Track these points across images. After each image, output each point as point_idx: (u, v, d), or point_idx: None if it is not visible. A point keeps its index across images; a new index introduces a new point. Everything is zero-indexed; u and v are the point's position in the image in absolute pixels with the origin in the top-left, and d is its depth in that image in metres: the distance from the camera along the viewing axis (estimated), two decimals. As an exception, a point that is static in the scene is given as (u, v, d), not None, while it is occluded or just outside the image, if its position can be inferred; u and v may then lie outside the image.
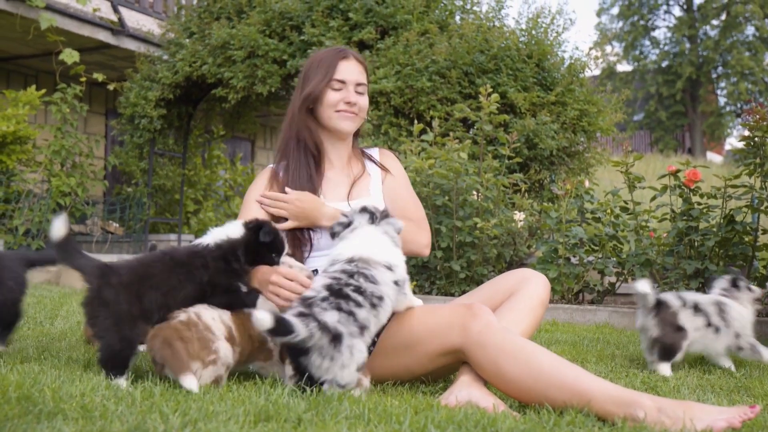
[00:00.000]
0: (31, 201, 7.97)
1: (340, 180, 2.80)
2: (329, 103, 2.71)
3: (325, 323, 2.07)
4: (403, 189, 2.87)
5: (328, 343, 2.06)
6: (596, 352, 3.50)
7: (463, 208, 5.73)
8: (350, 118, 2.75)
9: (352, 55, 2.76)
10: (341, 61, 2.72)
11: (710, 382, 2.79)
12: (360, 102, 2.75)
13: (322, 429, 1.73)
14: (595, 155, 8.09)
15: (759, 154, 4.78)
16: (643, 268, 5.33)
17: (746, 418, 1.93)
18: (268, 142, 14.14)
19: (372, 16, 7.68)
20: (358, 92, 2.75)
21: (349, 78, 2.72)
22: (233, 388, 2.16)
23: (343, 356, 2.07)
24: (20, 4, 8.38)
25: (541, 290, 2.56)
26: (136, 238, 9.35)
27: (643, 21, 36.10)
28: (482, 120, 5.96)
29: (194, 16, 8.81)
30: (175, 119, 9.29)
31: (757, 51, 33.38)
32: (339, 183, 2.79)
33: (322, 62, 2.74)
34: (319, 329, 2.05)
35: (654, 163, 22.38)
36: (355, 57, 2.77)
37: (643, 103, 35.93)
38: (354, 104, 2.73)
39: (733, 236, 4.94)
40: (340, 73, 2.71)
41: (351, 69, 2.73)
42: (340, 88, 2.72)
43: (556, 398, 2.07)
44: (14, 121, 7.70)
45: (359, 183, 2.80)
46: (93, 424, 1.67)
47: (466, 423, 1.82)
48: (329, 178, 2.79)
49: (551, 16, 7.96)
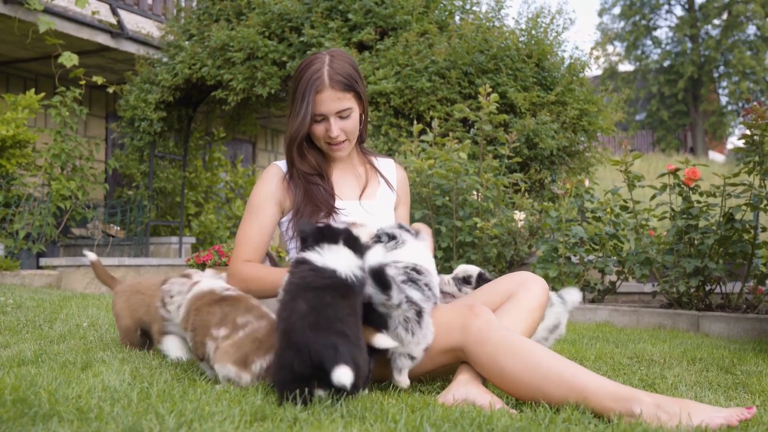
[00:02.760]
0: (31, 205, 7.97)
1: (346, 181, 2.81)
2: (316, 136, 2.69)
3: (411, 297, 2.23)
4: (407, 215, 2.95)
5: (414, 315, 2.21)
6: (595, 350, 3.50)
7: (463, 208, 5.73)
8: (339, 148, 2.71)
9: (327, 82, 2.61)
10: (316, 96, 2.61)
11: (708, 379, 2.79)
12: (345, 127, 2.67)
13: (317, 428, 1.72)
14: (595, 155, 8.09)
15: (758, 153, 4.77)
16: (643, 266, 5.33)
17: (743, 418, 1.93)
18: (269, 144, 14.15)
19: (371, 16, 7.68)
20: (342, 117, 2.66)
21: (327, 111, 2.63)
22: (229, 389, 2.16)
23: (423, 331, 2.23)
24: (18, 7, 8.38)
25: (539, 294, 2.58)
26: (137, 241, 9.35)
27: (645, 21, 36.10)
28: (482, 120, 5.95)
29: (193, 18, 8.82)
30: (175, 122, 9.30)
31: (759, 50, 33.38)
32: (345, 184, 2.79)
33: (302, 92, 2.63)
34: (407, 301, 2.20)
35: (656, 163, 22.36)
36: (331, 81, 2.61)
37: (644, 102, 35.93)
38: (336, 137, 2.66)
39: (733, 234, 4.93)
40: (317, 108, 2.63)
41: (326, 101, 2.62)
42: (322, 120, 2.65)
43: (554, 394, 2.08)
44: (14, 124, 7.70)
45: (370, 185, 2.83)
46: (88, 425, 1.67)
47: (462, 421, 1.82)
48: (335, 180, 2.79)
49: (551, 16, 7.95)
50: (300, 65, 2.71)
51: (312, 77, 2.62)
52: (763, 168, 4.75)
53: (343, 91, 2.64)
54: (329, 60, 2.66)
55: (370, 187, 2.82)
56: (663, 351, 3.53)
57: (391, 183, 2.88)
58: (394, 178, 2.93)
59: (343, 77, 2.64)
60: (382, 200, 2.82)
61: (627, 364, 3.14)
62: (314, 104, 2.62)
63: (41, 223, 7.91)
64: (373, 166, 2.89)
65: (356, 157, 2.89)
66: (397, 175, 2.94)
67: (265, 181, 2.76)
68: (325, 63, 2.64)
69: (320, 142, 2.70)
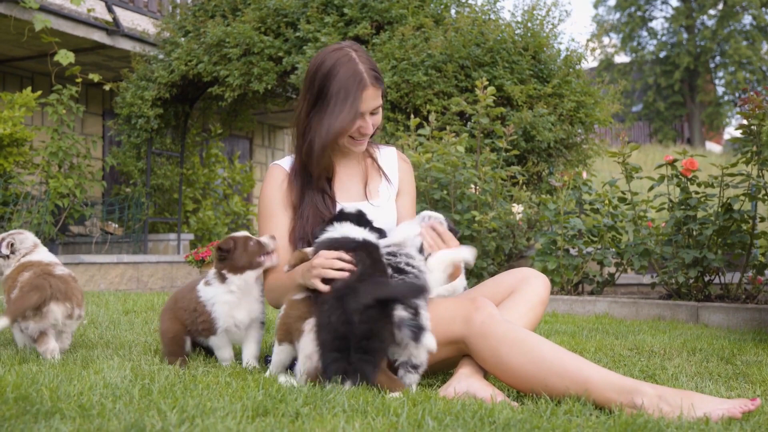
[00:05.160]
0: (29, 203, 7.97)
1: (350, 179, 2.78)
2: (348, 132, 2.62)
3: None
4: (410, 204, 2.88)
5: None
6: (595, 342, 3.50)
7: (461, 201, 5.73)
8: (363, 143, 2.67)
9: (369, 81, 2.56)
10: (363, 93, 2.54)
11: (708, 369, 2.79)
12: (375, 122, 2.64)
13: (319, 423, 1.73)
14: (592, 146, 8.09)
15: (756, 142, 4.77)
16: (641, 257, 5.34)
17: (746, 410, 1.93)
18: (267, 140, 14.13)
19: (367, 11, 7.67)
20: (373, 113, 2.62)
21: (367, 108, 2.58)
22: (231, 384, 2.16)
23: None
24: (14, 5, 8.36)
25: (541, 289, 2.58)
26: (135, 238, 9.35)
27: (640, 12, 36.04)
28: (479, 113, 5.95)
29: (189, 15, 8.80)
30: (172, 118, 9.28)
31: (755, 40, 33.35)
32: (348, 181, 2.76)
33: (345, 90, 2.54)
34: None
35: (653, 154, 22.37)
36: (372, 80, 2.57)
37: (641, 94, 35.91)
38: (366, 133, 2.63)
39: (731, 224, 4.94)
40: (362, 106, 2.56)
41: (369, 99, 2.57)
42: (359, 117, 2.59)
43: (557, 386, 2.09)
44: (10, 123, 7.69)
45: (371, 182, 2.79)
46: (90, 422, 1.67)
47: (464, 414, 1.82)
48: (341, 179, 2.75)
49: (547, 9, 7.95)
50: (325, 61, 2.59)
51: (353, 75, 2.55)
52: (761, 158, 4.75)
53: (380, 87, 2.61)
54: (357, 57, 2.59)
55: (371, 184, 2.79)
56: (663, 342, 3.53)
57: (389, 176, 2.85)
58: (395, 167, 2.88)
59: (378, 74, 2.61)
60: (384, 195, 2.79)
61: (627, 355, 3.14)
62: (360, 102, 2.55)
63: (39, 222, 7.90)
64: (373, 158, 2.86)
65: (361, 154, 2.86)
66: (399, 165, 2.89)
67: (271, 186, 2.72)
68: (356, 60, 2.57)
69: (346, 139, 2.63)
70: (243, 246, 2.51)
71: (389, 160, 2.89)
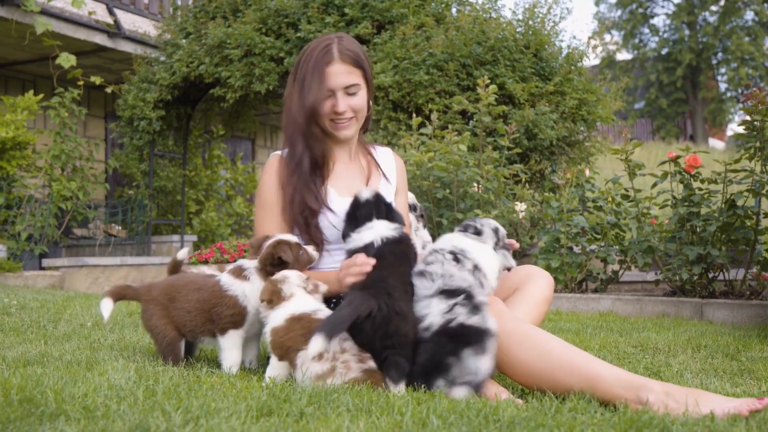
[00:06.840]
0: (32, 206, 7.98)
1: (349, 174, 2.78)
2: (323, 113, 2.63)
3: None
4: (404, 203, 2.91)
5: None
6: (599, 339, 3.49)
7: (464, 200, 5.73)
8: (345, 126, 2.67)
9: (337, 55, 2.60)
10: (327, 68, 2.59)
11: (713, 366, 2.79)
12: (352, 104, 2.64)
13: (324, 422, 1.72)
14: (595, 144, 8.08)
15: (759, 138, 4.76)
16: (645, 255, 5.33)
17: (754, 409, 1.91)
18: (269, 141, 14.14)
19: (368, 10, 7.67)
20: (349, 94, 2.63)
21: (336, 84, 2.60)
22: (236, 384, 2.16)
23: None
24: (15, 9, 8.37)
25: (545, 287, 2.60)
26: (138, 240, 9.35)
27: (642, 9, 36.00)
28: (481, 112, 5.95)
29: (190, 16, 8.81)
30: (174, 120, 9.29)
31: (757, 36, 33.30)
32: (348, 177, 2.76)
33: (314, 65, 2.60)
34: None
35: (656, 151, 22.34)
36: (341, 55, 2.61)
37: (643, 91, 35.87)
38: (343, 112, 2.63)
39: (735, 221, 4.93)
40: (328, 82, 2.59)
41: (336, 74, 2.59)
42: (330, 95, 2.62)
43: (566, 382, 2.10)
44: (13, 126, 7.70)
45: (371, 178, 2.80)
46: (95, 424, 1.68)
47: (468, 412, 1.82)
48: (338, 174, 2.75)
49: (548, 6, 7.93)
50: (308, 46, 2.70)
51: (321, 52, 2.61)
52: (764, 153, 4.74)
53: (352, 65, 2.62)
54: (337, 39, 2.66)
55: (372, 181, 2.80)
56: (667, 339, 3.53)
57: (388, 174, 2.86)
58: (393, 167, 2.89)
59: (352, 53, 2.63)
60: (384, 193, 2.80)
61: (632, 352, 3.14)
62: (326, 76, 2.59)
63: (43, 224, 7.92)
64: (373, 157, 2.87)
65: (359, 149, 2.87)
66: (395, 165, 2.91)
67: (269, 174, 2.74)
68: (333, 41, 2.64)
69: (326, 120, 2.64)
70: (296, 255, 2.52)
71: (386, 160, 2.91)
